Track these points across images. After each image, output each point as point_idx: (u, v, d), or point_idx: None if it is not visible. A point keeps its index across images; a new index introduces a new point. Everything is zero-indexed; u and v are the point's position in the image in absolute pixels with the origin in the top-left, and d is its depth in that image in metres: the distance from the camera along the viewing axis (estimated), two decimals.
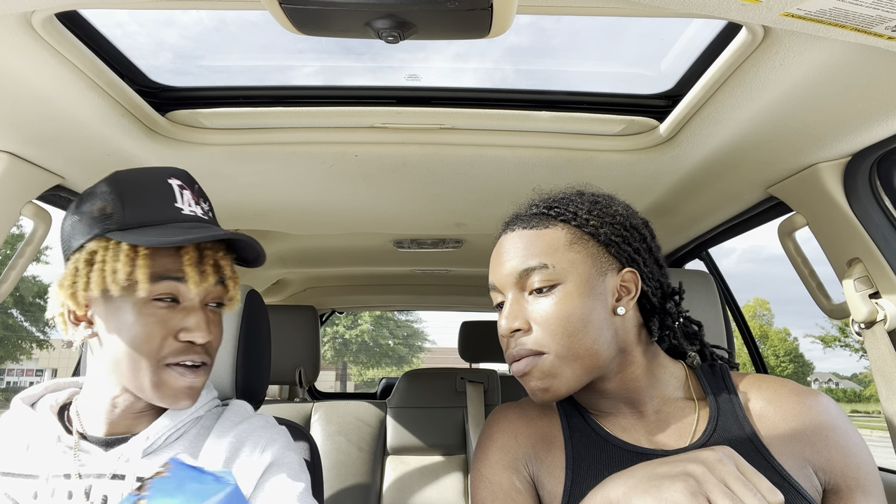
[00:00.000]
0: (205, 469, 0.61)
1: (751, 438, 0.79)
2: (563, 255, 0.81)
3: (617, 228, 0.84)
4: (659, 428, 0.83)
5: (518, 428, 0.92)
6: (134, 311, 0.79)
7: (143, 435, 0.83)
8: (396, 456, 2.20)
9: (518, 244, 0.84)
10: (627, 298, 0.83)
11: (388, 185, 1.48)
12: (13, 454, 0.82)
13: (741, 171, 1.28)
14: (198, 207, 0.86)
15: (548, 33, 1.10)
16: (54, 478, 0.80)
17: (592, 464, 0.83)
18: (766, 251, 63.44)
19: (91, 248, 0.81)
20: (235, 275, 0.89)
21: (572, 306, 0.79)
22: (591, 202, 0.87)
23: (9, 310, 21.05)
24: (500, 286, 0.85)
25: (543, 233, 0.84)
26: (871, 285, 1.15)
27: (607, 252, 0.83)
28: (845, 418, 0.80)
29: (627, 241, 0.84)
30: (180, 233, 0.79)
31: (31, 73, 0.91)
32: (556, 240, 0.83)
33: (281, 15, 0.68)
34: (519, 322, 0.81)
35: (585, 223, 0.84)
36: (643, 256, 0.85)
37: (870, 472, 0.77)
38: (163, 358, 0.80)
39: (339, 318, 26.62)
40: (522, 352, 0.81)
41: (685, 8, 0.67)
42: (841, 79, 0.88)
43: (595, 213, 0.85)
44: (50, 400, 0.89)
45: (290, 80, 1.20)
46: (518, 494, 0.88)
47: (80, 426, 0.85)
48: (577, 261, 0.81)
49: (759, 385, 0.85)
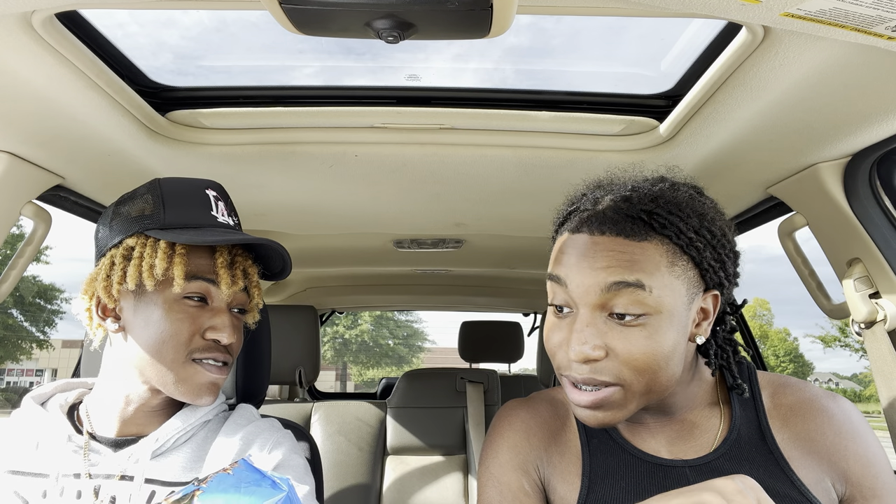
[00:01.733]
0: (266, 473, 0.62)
1: (771, 450, 0.76)
2: (663, 277, 0.69)
3: (719, 252, 0.74)
4: (680, 437, 0.80)
5: (531, 428, 0.88)
6: (164, 307, 0.82)
7: (152, 436, 0.83)
8: (396, 456, 2.20)
9: (613, 252, 0.70)
10: (706, 324, 0.74)
11: (388, 185, 1.48)
12: (23, 453, 0.83)
13: (741, 171, 1.28)
14: (230, 218, 0.91)
15: (548, 34, 1.10)
16: (64, 477, 0.80)
17: (610, 473, 0.80)
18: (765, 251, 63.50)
19: (129, 243, 0.84)
20: (259, 285, 0.92)
21: (661, 340, 0.69)
22: (698, 215, 0.74)
23: (9, 310, 21.06)
24: (575, 292, 0.71)
25: (643, 246, 0.70)
26: (871, 285, 1.15)
27: (699, 275, 0.73)
28: (866, 425, 0.78)
29: (724, 265, 0.75)
30: (217, 235, 0.82)
31: (31, 73, 0.91)
32: (657, 257, 0.70)
33: (281, 15, 0.68)
34: (596, 351, 0.69)
35: (690, 243, 0.71)
36: (731, 280, 0.76)
37: (887, 480, 0.74)
38: (190, 353, 0.83)
39: (339, 318, 26.63)
40: (596, 381, 0.70)
41: (685, 8, 0.67)
42: (841, 79, 0.88)
43: (702, 231, 0.72)
44: (60, 399, 0.90)
45: (291, 80, 1.20)
46: (526, 497, 0.85)
47: (90, 426, 0.86)
48: (675, 287, 0.70)
49: (784, 390, 0.81)
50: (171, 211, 0.85)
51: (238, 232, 0.89)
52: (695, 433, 0.80)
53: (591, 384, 0.71)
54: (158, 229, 0.84)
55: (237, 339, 0.88)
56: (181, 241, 0.81)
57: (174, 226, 0.84)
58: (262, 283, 0.94)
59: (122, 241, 0.85)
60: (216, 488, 0.59)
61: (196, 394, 0.84)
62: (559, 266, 0.74)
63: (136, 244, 0.84)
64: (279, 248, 0.87)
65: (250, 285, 0.90)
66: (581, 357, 0.70)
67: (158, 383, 0.83)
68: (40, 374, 29.18)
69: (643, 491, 0.77)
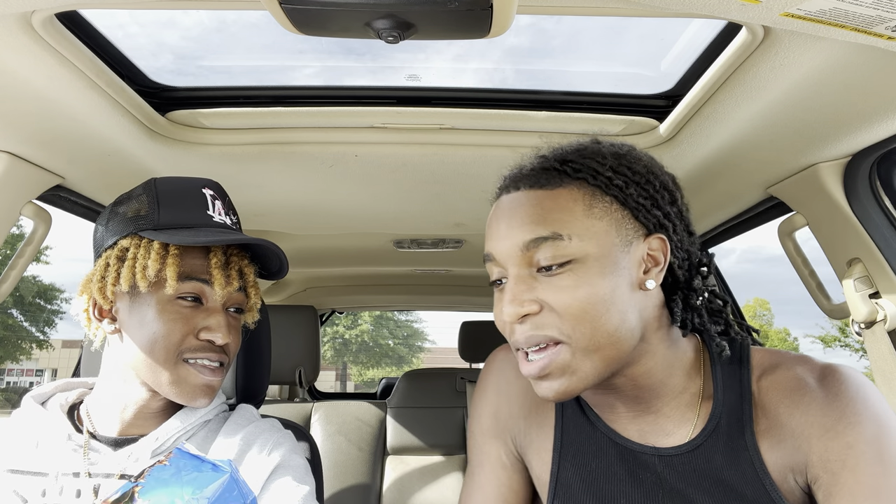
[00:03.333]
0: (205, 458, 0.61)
1: (747, 446, 0.70)
2: (580, 222, 0.67)
3: (646, 188, 0.71)
4: (657, 423, 0.75)
5: (513, 392, 0.85)
6: (157, 308, 0.82)
7: (152, 436, 0.83)
8: (396, 456, 2.20)
9: (524, 207, 0.70)
10: (656, 270, 0.70)
11: (388, 185, 1.48)
12: (23, 452, 0.83)
13: (741, 171, 1.28)
14: (227, 217, 0.90)
15: (548, 34, 1.10)
16: (63, 476, 0.80)
17: (581, 451, 0.78)
18: (765, 251, 63.43)
19: (123, 244, 0.84)
20: (257, 285, 0.91)
21: (593, 286, 0.66)
22: (614, 155, 0.72)
23: (9, 310, 21.06)
24: (500, 259, 0.71)
25: (556, 193, 0.69)
26: (871, 285, 1.15)
27: (633, 217, 0.70)
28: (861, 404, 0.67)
29: (657, 203, 0.71)
30: (210, 235, 0.82)
31: (31, 73, 0.91)
32: (572, 203, 0.68)
33: (281, 15, 0.68)
34: (528, 306, 0.67)
35: (609, 182, 0.69)
36: (673, 221, 0.73)
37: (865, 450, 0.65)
38: (181, 353, 0.82)
39: (339, 318, 26.64)
40: (537, 338, 0.68)
41: (685, 8, 0.67)
42: (841, 79, 0.88)
43: (619, 169, 0.71)
44: (60, 399, 0.90)
45: (291, 80, 1.21)
46: (503, 470, 0.84)
47: (90, 425, 0.86)
48: (598, 229, 0.68)
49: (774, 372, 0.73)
50: (165, 211, 0.84)
51: (233, 231, 0.88)
52: (671, 419, 0.74)
53: (533, 343, 0.68)
54: (152, 230, 0.83)
55: (234, 340, 0.87)
56: (173, 242, 0.80)
57: (168, 226, 0.84)
58: (262, 283, 0.93)
59: (117, 242, 0.85)
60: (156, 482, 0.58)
61: (190, 395, 0.83)
62: (487, 241, 0.74)
63: (130, 245, 0.83)
64: (274, 247, 0.86)
65: (247, 285, 0.89)
66: (514, 315, 0.68)
67: (153, 384, 0.83)
68: (40, 374, 29.18)
69: (613, 475, 0.75)
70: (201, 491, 0.58)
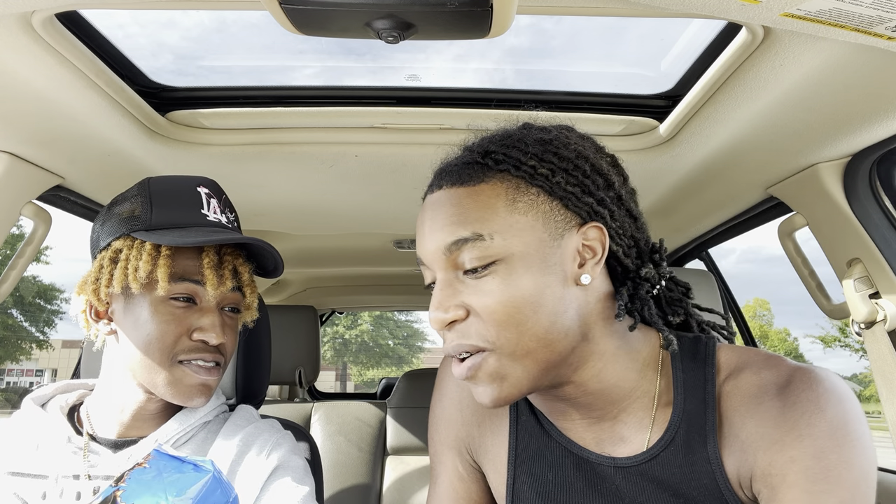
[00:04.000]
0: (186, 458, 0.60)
1: (710, 459, 0.64)
2: (502, 219, 0.63)
3: (574, 175, 0.65)
4: (613, 430, 0.70)
5: (465, 395, 0.82)
6: (150, 309, 0.81)
7: (151, 437, 0.83)
8: (396, 456, 2.20)
9: (445, 207, 0.65)
10: (593, 262, 0.65)
11: (388, 185, 1.48)
12: (23, 454, 0.83)
13: (741, 172, 1.28)
14: (223, 216, 0.89)
15: (548, 34, 1.10)
16: (63, 478, 0.80)
17: (536, 461, 0.74)
18: (765, 251, 63.42)
19: (116, 246, 0.84)
20: (253, 283, 0.91)
21: (517, 287, 0.62)
22: (539, 142, 0.67)
23: (9, 310, 21.06)
24: (427, 262, 0.67)
25: (477, 190, 0.65)
26: (871, 285, 1.15)
27: (563, 207, 0.65)
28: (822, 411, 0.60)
29: (588, 189, 0.65)
30: (202, 235, 0.81)
31: (31, 73, 0.91)
32: (493, 199, 0.64)
33: (281, 15, 0.68)
34: (453, 312, 0.63)
35: (533, 172, 0.64)
36: (609, 208, 0.67)
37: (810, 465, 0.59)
38: (176, 355, 0.81)
39: (339, 318, 26.63)
40: (463, 347, 0.64)
41: (685, 8, 0.67)
42: (841, 79, 0.88)
43: (544, 156, 0.65)
44: (60, 401, 0.90)
45: (291, 80, 1.21)
46: (460, 482, 0.81)
47: (90, 427, 0.86)
48: (522, 225, 0.63)
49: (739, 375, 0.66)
50: (158, 211, 0.84)
51: (226, 230, 0.87)
52: (628, 425, 0.69)
53: (460, 351, 0.65)
54: (144, 230, 0.82)
55: (230, 340, 0.87)
56: (163, 243, 0.80)
57: (161, 226, 0.83)
58: (262, 283, 0.93)
59: (111, 244, 0.84)
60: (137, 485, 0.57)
61: (186, 396, 0.82)
62: (416, 245, 0.70)
63: (123, 246, 0.83)
64: (267, 246, 0.85)
65: (242, 284, 0.88)
66: (440, 323, 0.64)
67: (149, 385, 0.82)
68: (40, 374, 29.18)
69: (570, 486, 0.71)
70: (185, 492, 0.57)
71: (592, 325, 0.66)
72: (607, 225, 0.66)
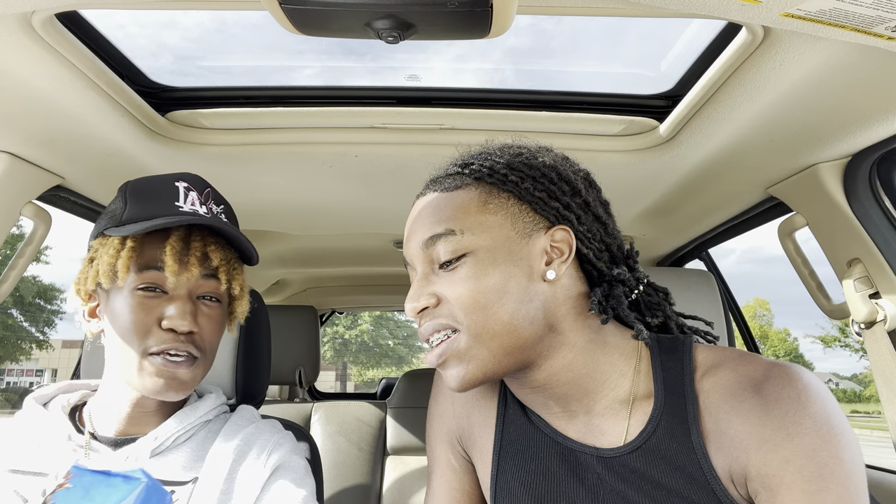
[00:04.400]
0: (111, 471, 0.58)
1: (695, 448, 0.66)
2: (474, 218, 0.71)
3: (541, 182, 0.73)
4: (592, 423, 0.73)
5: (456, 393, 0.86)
6: (122, 301, 0.82)
7: (151, 435, 0.83)
8: (396, 456, 2.20)
9: (427, 209, 0.75)
10: (559, 261, 0.71)
11: (388, 185, 1.48)
12: (24, 452, 0.83)
13: (741, 172, 1.28)
14: (202, 207, 0.87)
15: (548, 35, 1.10)
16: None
17: (520, 451, 0.77)
18: (765, 252, 63.44)
19: (94, 246, 0.86)
20: (233, 269, 0.88)
21: (484, 276, 0.68)
22: (513, 154, 0.76)
23: (9, 310, 21.06)
24: (410, 260, 0.76)
25: (455, 195, 0.73)
26: (871, 285, 1.15)
27: (532, 210, 0.72)
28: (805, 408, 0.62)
29: (554, 195, 0.73)
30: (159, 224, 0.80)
31: (31, 73, 0.92)
32: (467, 201, 0.72)
33: (281, 15, 0.68)
34: (424, 299, 0.71)
35: (504, 179, 0.72)
36: (576, 213, 0.73)
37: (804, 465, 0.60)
38: (148, 347, 0.81)
39: (339, 318, 26.62)
40: (435, 326, 0.70)
41: (685, 8, 0.67)
42: (841, 79, 0.88)
43: (516, 166, 0.73)
44: (62, 400, 0.90)
45: (291, 80, 1.21)
46: (452, 474, 0.85)
47: (91, 426, 0.86)
48: (492, 223, 0.70)
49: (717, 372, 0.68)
50: (131, 208, 0.84)
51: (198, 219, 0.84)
52: (606, 418, 0.72)
53: (431, 331, 0.71)
54: (115, 227, 0.83)
55: (207, 330, 0.85)
56: (121, 234, 0.81)
57: (130, 221, 0.83)
58: (262, 284, 0.92)
59: (91, 246, 0.87)
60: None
61: (154, 388, 0.80)
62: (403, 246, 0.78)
63: (98, 245, 0.85)
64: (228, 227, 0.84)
65: (216, 271, 0.86)
66: (412, 310, 0.72)
67: (127, 380, 0.82)
68: (40, 374, 29.19)
69: (552, 476, 0.74)
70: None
71: (561, 318, 0.71)
72: (574, 228, 0.73)
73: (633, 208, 1.59)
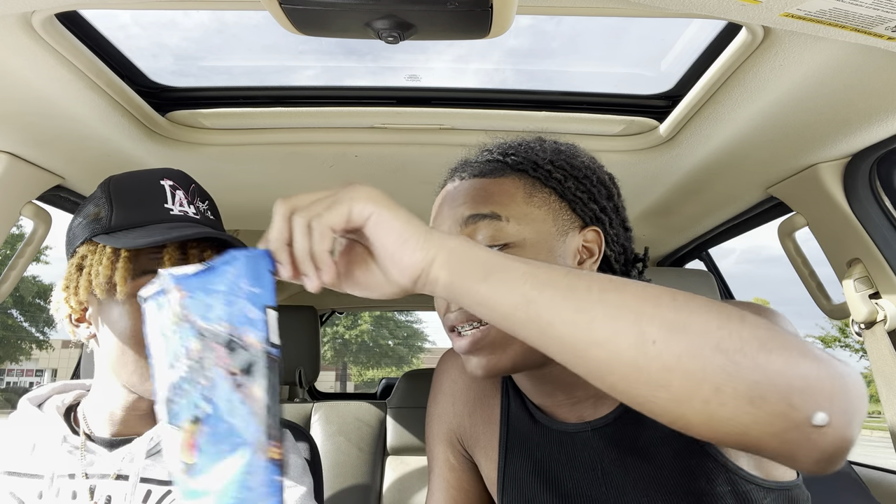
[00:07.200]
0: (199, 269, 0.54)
1: None
2: (519, 208, 0.70)
3: (583, 182, 0.74)
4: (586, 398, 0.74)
5: (457, 392, 0.86)
6: (121, 309, 0.80)
7: (147, 435, 0.83)
8: (396, 456, 2.20)
9: (466, 190, 0.72)
10: (591, 262, 0.72)
11: (388, 185, 1.48)
12: (19, 454, 0.83)
13: (741, 172, 1.28)
14: (190, 207, 0.87)
15: (548, 35, 1.10)
16: (59, 478, 0.80)
17: (524, 444, 0.78)
18: (764, 252, 63.49)
19: (82, 252, 0.84)
20: None
21: None
22: (554, 151, 0.76)
23: (9, 310, 21.05)
24: None
25: (497, 181, 0.72)
26: (871, 285, 1.15)
27: (570, 209, 0.73)
28: None
29: (594, 197, 0.74)
30: (159, 233, 0.79)
31: (31, 73, 0.91)
32: (512, 189, 0.71)
33: (281, 15, 0.68)
34: None
35: (548, 175, 0.72)
36: (609, 216, 0.75)
37: None
38: None
39: (339, 319, 26.60)
40: (468, 315, 0.68)
41: (685, 8, 0.67)
42: (841, 79, 0.88)
43: (559, 163, 0.74)
44: (56, 401, 0.89)
45: (291, 80, 1.21)
46: (451, 472, 0.85)
47: (86, 427, 0.86)
48: (536, 217, 0.70)
49: None
50: (118, 212, 0.82)
51: (191, 223, 0.84)
52: (607, 404, 0.73)
53: (464, 321, 0.69)
54: (105, 234, 0.81)
55: None
56: (119, 246, 0.79)
57: (121, 227, 0.82)
58: None
59: (76, 250, 0.84)
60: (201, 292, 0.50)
61: None
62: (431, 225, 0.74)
63: (87, 252, 0.83)
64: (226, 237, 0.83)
65: None
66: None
67: (128, 385, 0.82)
68: (40, 374, 29.17)
69: (553, 462, 0.75)
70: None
71: None
72: (605, 231, 0.74)
73: (633, 208, 1.59)
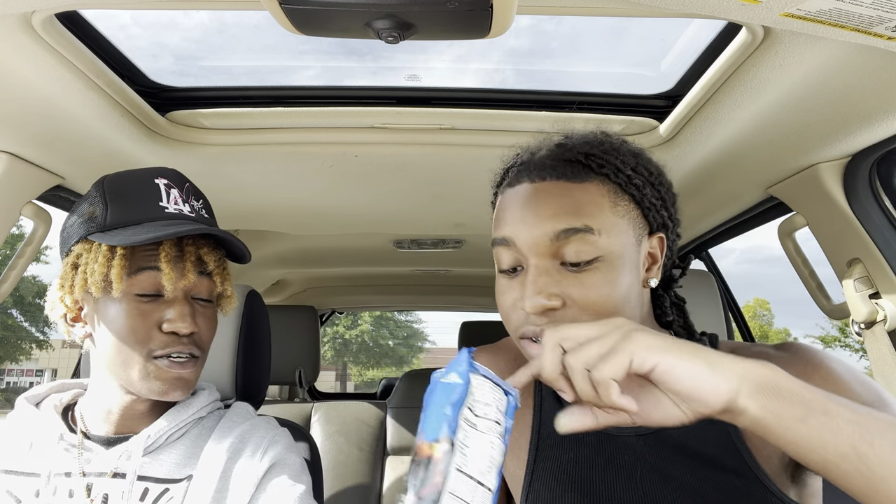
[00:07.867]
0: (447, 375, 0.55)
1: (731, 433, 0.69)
2: (607, 218, 0.68)
3: (658, 189, 0.73)
4: None
5: None
6: (117, 307, 0.81)
7: (144, 433, 0.83)
8: (396, 456, 2.20)
9: (555, 197, 0.68)
10: (656, 268, 0.73)
11: (388, 185, 1.48)
12: (16, 452, 0.83)
13: (741, 172, 1.28)
14: (185, 205, 0.87)
15: (548, 35, 1.10)
16: (56, 476, 0.80)
17: (557, 442, 0.77)
18: (764, 252, 63.43)
19: (77, 251, 0.83)
20: (225, 270, 0.89)
21: (615, 284, 0.66)
22: (632, 154, 0.74)
23: (9, 310, 21.04)
24: (522, 246, 0.69)
25: (584, 187, 0.69)
26: (871, 285, 1.15)
27: (642, 215, 0.72)
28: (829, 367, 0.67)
29: (666, 204, 0.73)
30: (153, 231, 0.79)
31: (31, 73, 0.91)
32: (598, 198, 0.68)
33: (281, 15, 0.68)
34: (553, 300, 0.66)
35: (628, 181, 0.70)
36: (674, 222, 0.75)
37: None
38: (151, 351, 0.81)
39: (339, 318, 26.61)
40: None
41: (685, 8, 0.67)
42: (841, 79, 0.88)
43: (638, 168, 0.72)
44: (54, 400, 0.90)
45: (291, 80, 1.21)
46: None
47: (83, 426, 0.86)
48: (621, 227, 0.68)
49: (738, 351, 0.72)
50: (113, 210, 0.83)
51: (186, 221, 0.85)
52: None
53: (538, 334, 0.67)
54: (100, 232, 0.81)
55: (204, 328, 0.85)
56: (113, 243, 0.79)
57: (116, 225, 0.82)
58: (262, 284, 0.92)
59: (72, 249, 0.84)
60: None
61: (161, 391, 0.81)
62: (504, 226, 0.72)
63: (82, 251, 0.83)
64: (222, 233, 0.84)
65: (211, 272, 0.86)
66: (538, 308, 0.66)
67: (126, 384, 0.82)
68: (40, 374, 29.17)
69: (591, 463, 0.74)
70: None
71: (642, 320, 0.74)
72: (668, 237, 0.75)
73: None
